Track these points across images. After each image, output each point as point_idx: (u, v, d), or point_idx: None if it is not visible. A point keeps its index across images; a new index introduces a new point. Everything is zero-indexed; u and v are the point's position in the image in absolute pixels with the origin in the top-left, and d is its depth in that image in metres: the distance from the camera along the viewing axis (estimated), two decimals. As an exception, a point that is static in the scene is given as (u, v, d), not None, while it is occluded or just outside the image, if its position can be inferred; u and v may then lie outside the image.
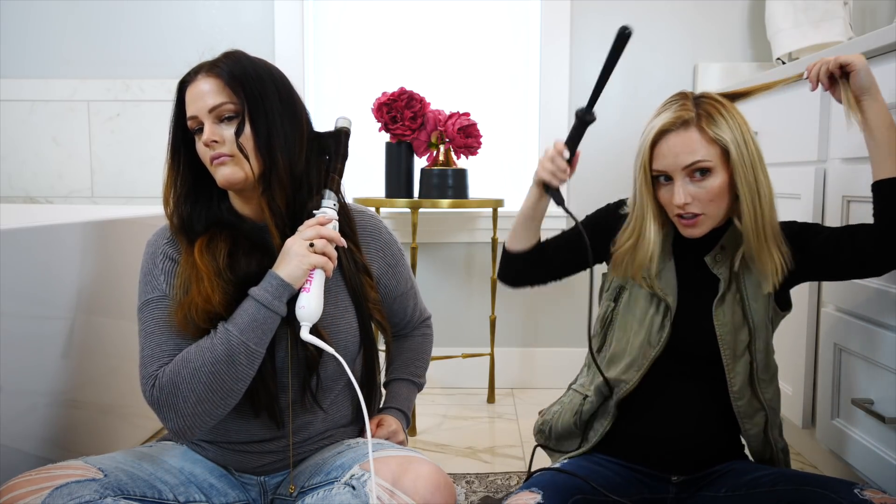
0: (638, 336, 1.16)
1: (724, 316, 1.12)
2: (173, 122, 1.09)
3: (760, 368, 1.14)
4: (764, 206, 1.07)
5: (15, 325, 1.17)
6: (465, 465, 1.72)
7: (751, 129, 1.09)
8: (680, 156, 1.06)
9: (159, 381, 1.00)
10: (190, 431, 1.00)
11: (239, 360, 0.98)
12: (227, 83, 1.04)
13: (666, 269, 1.16)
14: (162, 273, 1.07)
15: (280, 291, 1.01)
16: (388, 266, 1.21)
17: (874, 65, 1.29)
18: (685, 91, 1.13)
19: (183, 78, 1.08)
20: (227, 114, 1.04)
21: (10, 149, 2.38)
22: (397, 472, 0.97)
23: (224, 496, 1.09)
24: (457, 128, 2.00)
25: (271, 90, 1.06)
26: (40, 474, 0.93)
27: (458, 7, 2.39)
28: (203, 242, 1.06)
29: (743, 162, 1.06)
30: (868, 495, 0.95)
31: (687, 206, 1.08)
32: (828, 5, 2.01)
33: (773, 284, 1.10)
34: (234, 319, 1.00)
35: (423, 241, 2.36)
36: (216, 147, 1.03)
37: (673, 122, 1.06)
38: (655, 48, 2.31)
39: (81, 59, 2.37)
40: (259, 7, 2.35)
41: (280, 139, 1.05)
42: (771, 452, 1.18)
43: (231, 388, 0.99)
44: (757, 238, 1.08)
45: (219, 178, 1.05)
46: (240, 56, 1.08)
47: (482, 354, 2.23)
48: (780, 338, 1.65)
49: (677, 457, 1.16)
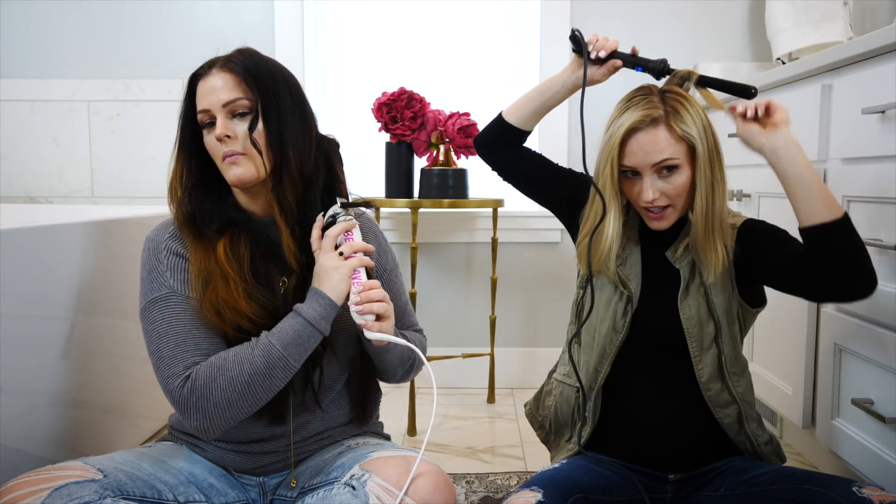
0: (605, 322, 1.17)
1: (690, 309, 1.13)
2: (183, 116, 1.09)
3: (729, 361, 1.15)
4: (717, 198, 1.09)
5: (15, 325, 1.17)
6: (465, 465, 1.72)
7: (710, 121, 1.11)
8: (650, 154, 1.08)
9: (192, 384, 0.99)
10: (212, 431, 1.01)
11: (276, 373, 0.99)
12: (242, 79, 1.04)
13: (632, 256, 1.17)
14: (168, 269, 1.06)
15: (328, 311, 1.01)
16: (384, 270, 1.21)
17: (874, 65, 1.29)
18: (650, 85, 1.14)
19: (195, 71, 1.08)
20: (240, 109, 1.04)
21: (10, 149, 2.38)
22: (397, 472, 0.97)
23: (224, 496, 1.09)
24: (457, 128, 2.00)
25: (284, 89, 1.07)
26: (39, 475, 0.93)
27: (457, 7, 2.39)
28: (226, 244, 1.06)
29: (706, 157, 1.08)
30: (867, 493, 0.95)
31: (655, 201, 1.10)
32: (828, 5, 2.01)
33: (715, 275, 1.11)
34: (278, 333, 1.00)
35: (423, 241, 2.36)
36: (228, 143, 1.03)
37: (642, 120, 1.07)
38: (655, 48, 2.30)
39: (81, 59, 2.37)
40: (259, 7, 2.35)
41: (291, 137, 1.06)
42: (752, 445, 1.17)
43: (262, 398, 1.00)
44: (704, 230, 1.09)
45: (230, 177, 1.05)
46: (253, 53, 1.08)
47: (482, 354, 2.23)
48: (781, 338, 1.65)
49: (668, 453, 1.16)
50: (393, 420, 1.98)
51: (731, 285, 1.14)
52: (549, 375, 1.33)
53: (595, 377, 1.18)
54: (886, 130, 1.24)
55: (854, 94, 1.35)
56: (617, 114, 1.11)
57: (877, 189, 1.27)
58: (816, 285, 1.05)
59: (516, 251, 2.38)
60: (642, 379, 1.18)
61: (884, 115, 1.25)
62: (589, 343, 1.20)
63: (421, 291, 2.37)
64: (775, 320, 1.68)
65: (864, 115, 1.28)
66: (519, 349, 2.41)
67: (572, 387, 1.25)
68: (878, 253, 1.27)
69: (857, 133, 1.33)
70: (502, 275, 2.37)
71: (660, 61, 1.16)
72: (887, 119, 1.24)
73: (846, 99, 1.38)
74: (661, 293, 1.16)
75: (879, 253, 1.27)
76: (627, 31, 2.31)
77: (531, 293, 2.40)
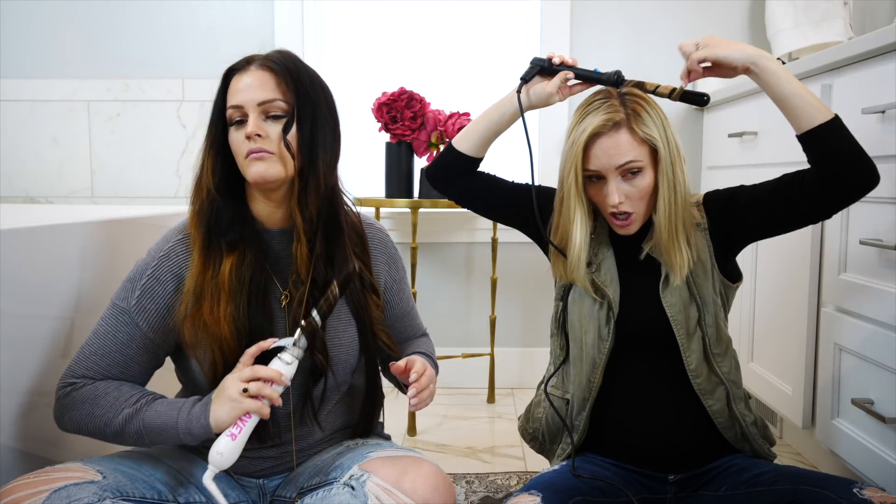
0: (589, 334, 1.17)
1: (672, 296, 1.13)
2: (215, 111, 1.05)
3: (713, 343, 1.14)
4: (678, 200, 1.10)
5: (15, 325, 1.17)
6: (465, 465, 1.72)
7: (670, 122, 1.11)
8: (614, 157, 1.08)
9: (69, 393, 1.04)
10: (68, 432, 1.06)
11: (126, 440, 1.01)
12: (282, 79, 1.01)
13: (606, 260, 1.17)
14: (140, 289, 1.05)
15: (201, 433, 0.98)
16: (393, 281, 1.20)
17: (874, 65, 1.29)
18: (608, 89, 1.13)
19: (232, 66, 1.04)
20: (275, 111, 1.01)
21: (10, 149, 2.38)
22: (397, 473, 0.97)
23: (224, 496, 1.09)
24: (457, 128, 2.00)
25: (321, 96, 1.05)
26: (38, 477, 0.93)
27: (458, 7, 2.39)
28: (233, 263, 1.03)
29: (668, 158, 1.09)
30: (867, 494, 0.95)
31: (620, 206, 1.10)
32: (828, 5, 2.01)
33: (681, 277, 1.11)
34: (153, 411, 1.00)
35: (423, 241, 2.36)
36: (258, 141, 1.00)
37: (604, 125, 1.07)
38: (655, 48, 2.31)
39: (81, 59, 2.37)
40: (259, 7, 2.35)
41: (322, 144, 1.04)
42: (740, 428, 1.16)
43: (111, 441, 1.04)
44: (668, 232, 1.10)
45: (252, 173, 1.01)
46: (294, 56, 1.06)
47: (482, 354, 2.23)
48: (781, 338, 1.65)
49: (663, 452, 1.16)
50: (393, 420, 1.98)
51: (711, 263, 1.15)
52: (538, 387, 1.31)
53: (589, 388, 1.18)
54: (886, 130, 1.24)
55: (854, 94, 1.35)
56: (578, 119, 1.11)
57: (877, 189, 1.27)
58: (822, 188, 1.04)
59: (516, 251, 2.38)
60: (631, 380, 1.17)
61: (884, 115, 1.25)
62: (578, 356, 1.19)
63: (421, 291, 2.37)
64: (775, 320, 1.68)
65: (864, 115, 1.28)
66: (519, 349, 2.41)
67: (562, 399, 1.24)
68: (878, 253, 1.27)
69: (857, 133, 1.32)
70: (502, 275, 2.37)
71: (613, 73, 1.14)
72: (887, 119, 1.24)
73: (846, 99, 1.38)
74: (641, 289, 1.16)
75: (879, 253, 1.27)
76: (627, 31, 2.31)
77: (531, 293, 2.40)
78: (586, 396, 1.18)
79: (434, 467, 1.00)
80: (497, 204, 1.27)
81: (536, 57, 1.19)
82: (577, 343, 1.19)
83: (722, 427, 1.16)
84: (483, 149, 1.23)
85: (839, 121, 1.03)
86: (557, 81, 1.15)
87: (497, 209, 1.29)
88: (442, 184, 1.27)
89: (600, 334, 1.16)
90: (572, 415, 1.21)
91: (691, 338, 1.13)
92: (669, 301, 1.13)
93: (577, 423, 1.20)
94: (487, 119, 1.20)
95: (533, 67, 1.17)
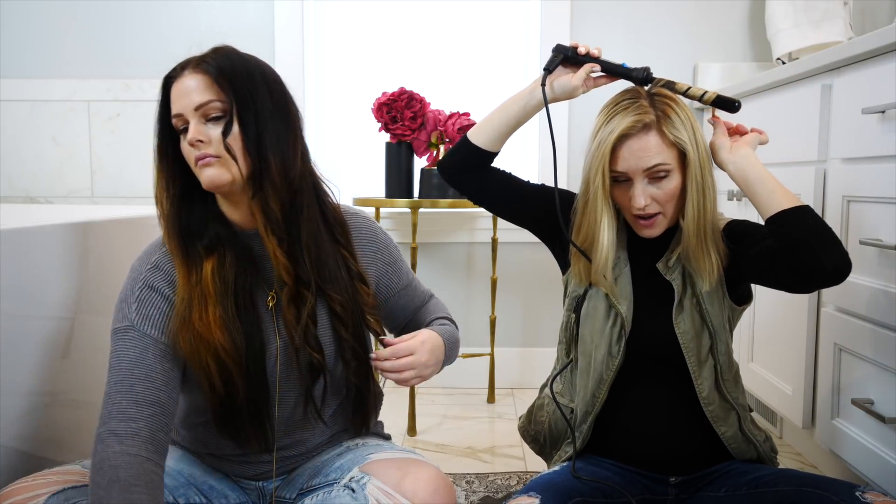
0: (599, 350, 1.14)
1: (685, 324, 1.11)
2: (158, 121, 1.03)
3: (724, 370, 1.13)
4: (708, 205, 1.07)
5: (15, 325, 1.17)
6: (465, 466, 1.72)
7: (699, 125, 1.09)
8: (642, 159, 1.05)
9: (96, 453, 0.91)
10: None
11: None
12: (214, 80, 0.97)
13: (622, 276, 1.14)
14: (136, 301, 1.01)
15: None
16: (387, 265, 1.16)
17: (874, 65, 1.29)
18: (636, 88, 1.11)
19: (168, 73, 1.02)
20: (213, 112, 0.97)
21: (10, 149, 2.38)
22: (397, 475, 0.96)
23: (224, 497, 1.09)
24: (457, 128, 2.00)
25: (262, 88, 1.00)
26: (37, 480, 0.92)
27: (457, 7, 2.39)
28: (213, 265, 1.01)
29: (697, 162, 1.06)
30: (869, 498, 0.95)
31: (647, 208, 1.08)
32: (828, 5, 2.01)
33: (710, 283, 1.09)
34: None
35: (423, 241, 2.36)
36: (201, 147, 0.97)
37: (633, 126, 1.05)
38: (655, 48, 2.31)
39: (81, 59, 2.37)
40: (259, 7, 2.34)
41: (271, 140, 0.99)
42: (755, 448, 1.16)
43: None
44: (697, 237, 1.08)
45: (203, 179, 0.98)
46: (229, 51, 1.01)
47: (482, 354, 2.22)
48: (781, 338, 1.65)
49: (669, 462, 1.15)
50: (393, 420, 1.98)
51: (723, 291, 1.12)
52: (541, 390, 1.31)
53: (593, 403, 1.16)
54: (886, 130, 1.24)
55: (854, 94, 1.35)
56: (604, 119, 1.08)
57: (877, 189, 1.27)
58: (786, 271, 1.03)
59: (516, 251, 2.38)
60: (640, 396, 1.16)
61: (884, 115, 1.25)
62: (585, 369, 1.17)
63: (421, 291, 2.37)
64: (775, 320, 1.68)
65: (864, 115, 1.28)
66: (519, 349, 2.41)
67: (566, 406, 1.22)
68: (878, 253, 1.27)
69: (857, 133, 1.33)
70: (502, 275, 2.37)
71: (642, 69, 1.11)
72: (887, 119, 1.24)
73: (846, 99, 1.38)
74: (654, 311, 1.13)
75: (879, 253, 1.27)
76: (627, 31, 2.31)
77: (531, 293, 2.40)
78: (589, 410, 1.16)
79: (434, 470, 1.00)
80: (509, 201, 1.23)
81: (560, 44, 1.13)
82: (586, 357, 1.16)
83: (736, 452, 1.15)
84: (499, 143, 1.19)
85: (809, 208, 1.02)
86: (583, 74, 1.11)
87: (509, 207, 1.24)
88: (454, 177, 1.23)
89: (611, 351, 1.13)
90: (575, 423, 1.20)
91: (703, 365, 1.11)
92: (682, 328, 1.11)
93: (579, 434, 1.18)
94: (506, 112, 1.17)
95: (556, 56, 1.12)
